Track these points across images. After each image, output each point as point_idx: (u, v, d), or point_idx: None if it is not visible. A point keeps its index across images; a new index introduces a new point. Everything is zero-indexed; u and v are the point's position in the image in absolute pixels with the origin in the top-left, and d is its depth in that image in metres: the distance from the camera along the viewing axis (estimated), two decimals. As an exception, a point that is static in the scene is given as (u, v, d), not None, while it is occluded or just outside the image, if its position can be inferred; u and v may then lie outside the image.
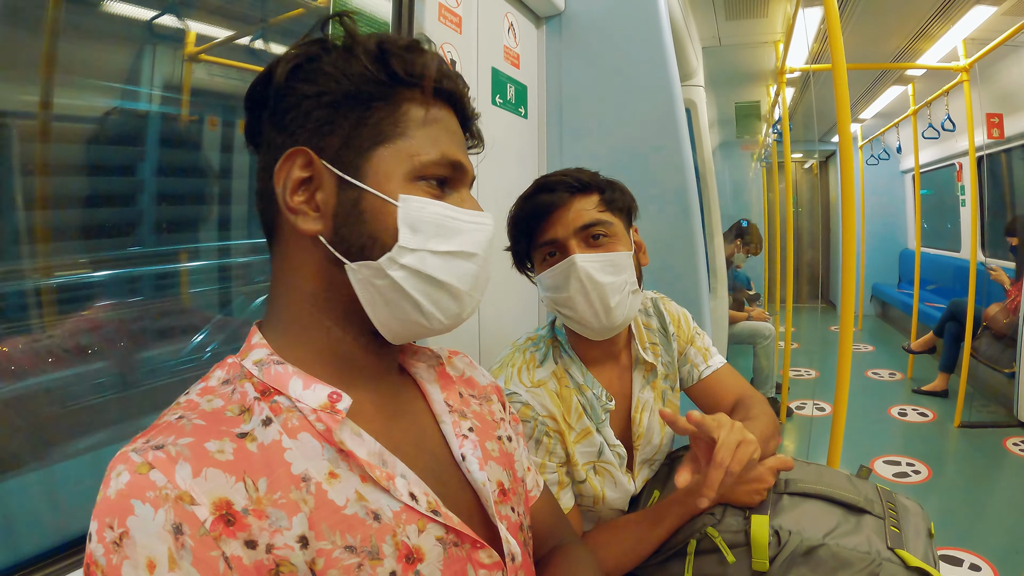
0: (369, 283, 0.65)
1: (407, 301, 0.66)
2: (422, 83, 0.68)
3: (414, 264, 0.64)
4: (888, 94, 6.20)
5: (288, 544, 0.54)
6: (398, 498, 0.62)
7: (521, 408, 1.16)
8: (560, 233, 1.16)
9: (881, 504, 1.13)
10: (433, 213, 0.66)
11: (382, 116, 0.66)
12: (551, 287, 1.19)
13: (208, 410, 0.59)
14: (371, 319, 0.67)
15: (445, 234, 0.67)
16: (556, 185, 1.18)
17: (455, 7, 1.47)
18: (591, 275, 1.13)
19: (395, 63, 0.66)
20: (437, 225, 0.66)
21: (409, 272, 0.65)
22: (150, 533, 0.49)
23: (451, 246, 0.67)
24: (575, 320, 1.19)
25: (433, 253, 0.65)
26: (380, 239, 0.64)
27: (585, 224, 1.16)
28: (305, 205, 0.65)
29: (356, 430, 0.63)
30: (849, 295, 1.86)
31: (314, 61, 0.66)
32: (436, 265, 0.66)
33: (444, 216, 0.67)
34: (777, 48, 4.45)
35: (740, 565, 1.09)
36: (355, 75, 0.65)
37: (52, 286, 1.05)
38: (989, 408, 4.45)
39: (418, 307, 0.66)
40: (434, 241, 0.66)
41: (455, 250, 0.67)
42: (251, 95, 0.68)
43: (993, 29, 3.86)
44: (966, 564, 2.56)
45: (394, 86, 0.67)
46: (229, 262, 1.41)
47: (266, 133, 0.68)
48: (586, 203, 1.17)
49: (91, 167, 1.16)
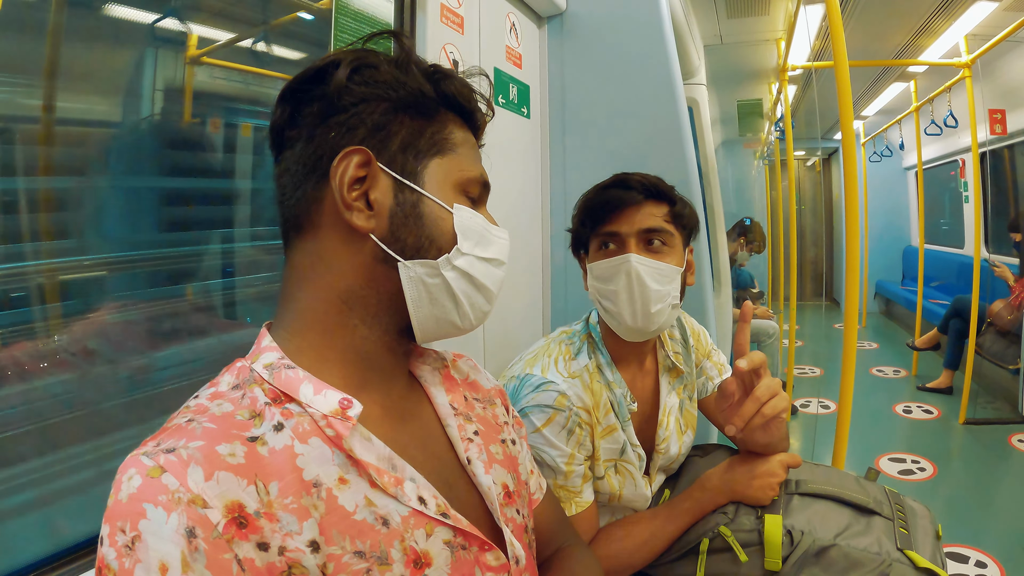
0: (420, 281, 0.68)
1: (451, 300, 0.70)
2: (465, 108, 0.75)
3: (465, 267, 0.70)
4: (890, 91, 6.19)
5: (299, 548, 0.54)
6: (406, 503, 0.62)
7: (557, 397, 1.16)
8: (623, 229, 1.19)
9: (890, 506, 1.14)
10: (477, 223, 0.72)
11: (435, 130, 0.71)
12: (600, 277, 1.21)
13: (218, 414, 0.59)
14: (411, 316, 0.69)
15: (484, 243, 0.73)
16: (634, 184, 1.20)
17: (457, 8, 1.47)
18: (641, 277, 1.16)
19: (447, 85, 0.72)
20: (479, 234, 0.72)
21: (459, 274, 0.70)
22: (163, 537, 0.49)
23: (488, 253, 0.73)
24: (612, 315, 1.21)
25: (479, 259, 0.72)
26: (437, 242, 0.69)
27: (649, 228, 1.19)
28: (359, 202, 0.66)
29: (366, 435, 0.64)
30: (853, 292, 1.86)
31: (372, 68, 0.68)
32: (480, 269, 0.72)
33: (483, 227, 0.73)
34: (779, 46, 4.45)
35: (752, 564, 1.10)
36: (413, 88, 0.69)
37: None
38: (994, 404, 4.45)
39: (458, 307, 0.71)
40: (478, 248, 0.72)
41: (491, 257, 0.74)
42: (295, 91, 0.69)
43: (995, 25, 3.85)
44: (972, 561, 2.56)
45: (442, 105, 0.72)
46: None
47: (306, 128, 0.68)
48: (656, 209, 1.20)
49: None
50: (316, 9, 1.35)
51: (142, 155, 1.12)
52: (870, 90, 6.23)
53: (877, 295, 8.32)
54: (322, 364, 0.66)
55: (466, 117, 0.76)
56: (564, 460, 1.16)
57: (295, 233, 0.70)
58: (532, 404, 1.16)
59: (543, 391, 1.17)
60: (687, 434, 1.35)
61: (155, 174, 1.15)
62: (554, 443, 1.15)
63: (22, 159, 0.90)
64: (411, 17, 1.34)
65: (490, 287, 0.74)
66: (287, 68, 1.31)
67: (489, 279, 0.73)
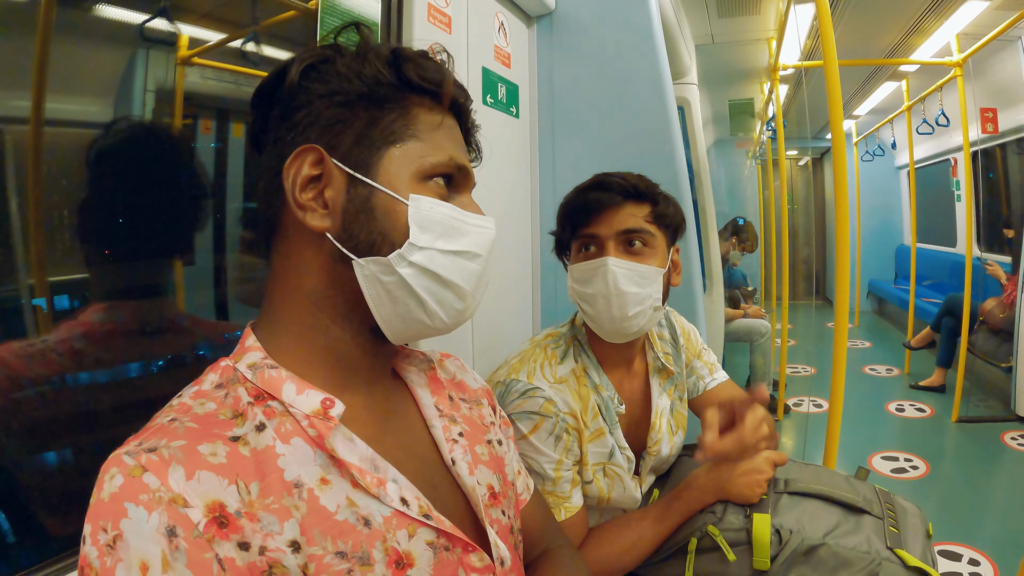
0: (376, 279, 0.65)
1: (412, 298, 0.67)
2: (433, 89, 0.70)
3: (422, 262, 0.66)
4: (882, 90, 6.21)
5: (280, 548, 0.54)
6: (388, 504, 0.62)
7: (544, 403, 1.16)
8: (602, 231, 1.18)
9: (880, 504, 1.14)
10: (441, 213, 0.68)
11: (393, 118, 0.68)
12: (579, 280, 1.20)
13: (201, 413, 0.59)
14: (375, 316, 0.67)
15: (452, 234, 0.68)
16: (613, 185, 1.19)
17: (444, 7, 1.46)
18: (617, 280, 1.15)
19: (408, 68, 0.68)
20: (445, 225, 0.68)
21: (417, 270, 0.66)
22: (143, 536, 0.49)
23: (457, 246, 0.68)
24: (591, 317, 1.20)
25: (441, 252, 0.67)
26: (390, 236, 0.65)
27: (628, 229, 1.17)
28: (314, 202, 0.65)
29: (348, 435, 0.63)
30: (844, 291, 1.86)
31: (327, 63, 0.68)
32: (443, 264, 0.67)
33: (451, 217, 0.68)
34: (770, 45, 4.45)
35: (741, 564, 1.09)
36: (368, 77, 0.67)
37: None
38: (987, 403, 4.47)
39: (422, 305, 0.67)
40: (441, 240, 0.67)
41: (461, 250, 0.69)
42: (260, 94, 0.70)
43: (986, 24, 3.87)
44: (965, 559, 2.56)
45: (405, 90, 0.69)
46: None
47: (273, 132, 0.69)
48: (637, 210, 1.19)
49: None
50: (304, 9, 1.34)
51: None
52: (862, 89, 6.25)
53: (870, 294, 8.36)
54: (303, 364, 0.66)
55: (436, 99, 0.72)
56: (552, 466, 1.15)
57: (271, 235, 0.70)
58: (519, 411, 1.15)
59: (529, 397, 1.16)
60: (678, 435, 1.35)
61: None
62: (541, 450, 1.15)
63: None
64: (398, 17, 1.34)
65: (459, 283, 0.69)
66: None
67: (457, 274, 0.69)
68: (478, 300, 0.73)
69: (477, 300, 0.73)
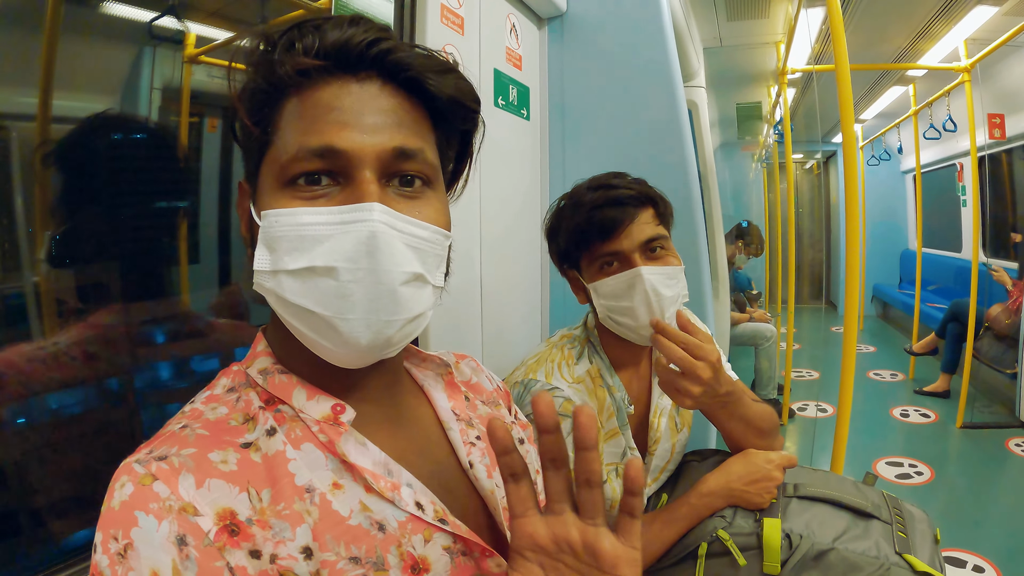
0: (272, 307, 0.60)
1: (294, 329, 0.59)
2: (291, 65, 0.56)
3: (275, 289, 0.57)
4: (889, 94, 6.20)
5: (292, 555, 0.54)
6: (403, 508, 0.61)
7: (563, 403, 1.16)
8: (624, 246, 1.17)
9: (888, 510, 1.14)
10: (286, 224, 0.56)
11: (264, 118, 0.59)
12: (610, 295, 1.19)
13: (212, 419, 0.58)
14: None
15: (301, 247, 0.55)
16: (623, 199, 1.18)
17: (457, 8, 1.46)
18: (656, 288, 1.15)
19: (278, 54, 0.57)
20: (290, 237, 0.56)
21: (275, 298, 0.58)
22: (154, 544, 0.49)
23: (305, 261, 0.55)
24: (631, 329, 1.19)
25: (288, 273, 0.56)
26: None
27: (648, 239, 1.18)
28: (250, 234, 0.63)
29: (361, 439, 0.62)
30: (852, 296, 1.85)
31: (234, 97, 0.60)
32: (292, 288, 0.56)
33: (299, 225, 0.56)
34: (778, 49, 4.45)
35: (751, 568, 1.09)
36: (242, 101, 0.60)
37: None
38: (991, 409, 4.45)
39: (303, 336, 0.58)
40: (288, 258, 0.56)
41: (309, 265, 0.55)
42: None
43: (995, 29, 3.86)
44: (969, 566, 2.56)
45: (278, 85, 0.58)
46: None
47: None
48: (646, 216, 1.19)
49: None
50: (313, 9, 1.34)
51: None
52: (869, 93, 6.24)
53: (875, 298, 8.33)
54: (312, 370, 0.63)
55: (304, 73, 0.57)
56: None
57: None
58: None
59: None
60: (683, 432, 1.35)
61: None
62: None
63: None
64: (411, 18, 1.34)
65: (315, 309, 0.56)
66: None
67: (310, 298, 0.56)
68: (382, 321, 0.57)
69: (362, 324, 0.57)
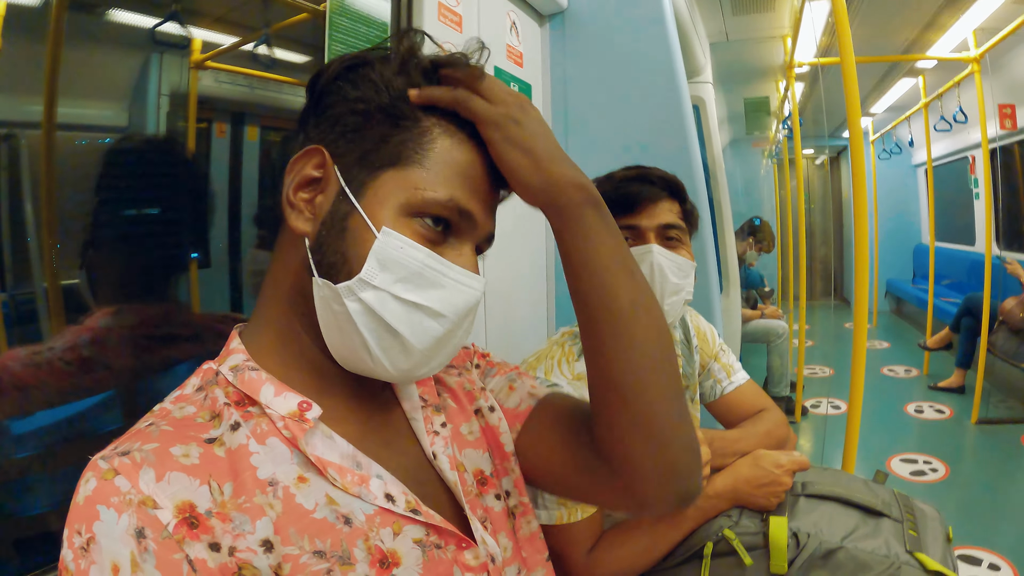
0: (327, 304, 0.62)
1: (356, 335, 0.61)
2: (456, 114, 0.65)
3: (371, 302, 0.60)
4: (899, 87, 6.14)
5: (251, 548, 0.54)
6: (371, 501, 0.61)
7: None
8: (643, 222, 1.20)
9: (899, 508, 1.13)
10: (411, 256, 0.61)
11: (406, 138, 0.63)
12: None
13: (179, 417, 0.59)
14: (325, 339, 0.64)
15: (419, 283, 0.61)
16: (655, 178, 1.22)
17: (455, 6, 1.46)
18: (663, 269, 1.18)
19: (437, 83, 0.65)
20: (411, 270, 0.61)
21: (364, 308, 0.60)
22: (114, 538, 0.49)
23: (419, 298, 0.61)
24: None
25: (396, 298, 0.60)
26: (349, 263, 0.61)
27: (669, 223, 1.21)
28: (304, 203, 0.64)
29: (328, 432, 0.63)
30: (863, 291, 1.83)
31: (365, 67, 0.65)
32: (395, 311, 0.60)
33: (424, 264, 0.61)
34: (785, 42, 4.42)
35: (757, 568, 1.08)
36: (395, 90, 0.64)
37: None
38: (1007, 404, 4.41)
39: (366, 346, 0.61)
40: (401, 285, 0.60)
41: (422, 303, 0.61)
42: (309, 84, 0.68)
43: (1004, 18, 3.81)
44: (985, 563, 2.52)
45: (425, 108, 0.64)
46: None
47: (302, 124, 0.68)
48: (673, 206, 1.23)
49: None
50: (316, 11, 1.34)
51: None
52: (878, 86, 6.18)
53: (888, 294, 8.27)
54: (283, 367, 0.65)
55: (463, 126, 0.65)
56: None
57: (277, 230, 0.70)
58: None
59: None
60: None
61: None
62: None
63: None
64: (408, 16, 1.34)
65: (409, 339, 0.61)
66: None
67: (409, 328, 0.61)
68: (435, 363, 0.65)
69: (433, 362, 0.65)
